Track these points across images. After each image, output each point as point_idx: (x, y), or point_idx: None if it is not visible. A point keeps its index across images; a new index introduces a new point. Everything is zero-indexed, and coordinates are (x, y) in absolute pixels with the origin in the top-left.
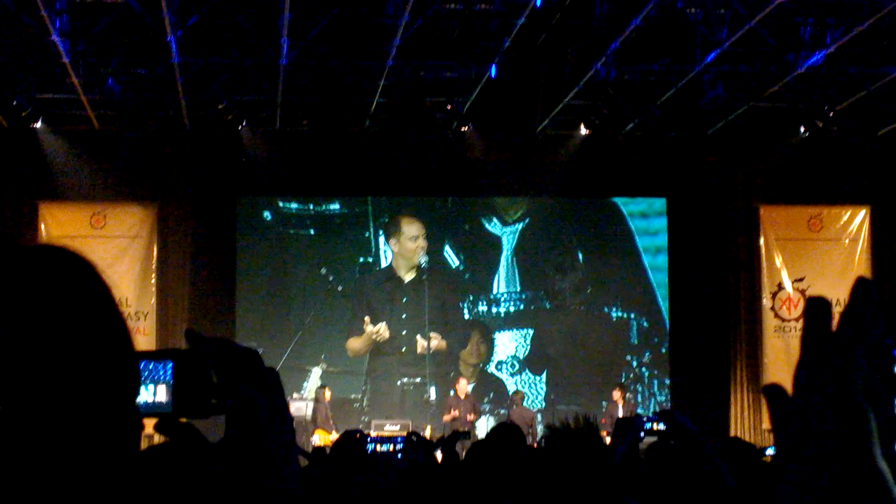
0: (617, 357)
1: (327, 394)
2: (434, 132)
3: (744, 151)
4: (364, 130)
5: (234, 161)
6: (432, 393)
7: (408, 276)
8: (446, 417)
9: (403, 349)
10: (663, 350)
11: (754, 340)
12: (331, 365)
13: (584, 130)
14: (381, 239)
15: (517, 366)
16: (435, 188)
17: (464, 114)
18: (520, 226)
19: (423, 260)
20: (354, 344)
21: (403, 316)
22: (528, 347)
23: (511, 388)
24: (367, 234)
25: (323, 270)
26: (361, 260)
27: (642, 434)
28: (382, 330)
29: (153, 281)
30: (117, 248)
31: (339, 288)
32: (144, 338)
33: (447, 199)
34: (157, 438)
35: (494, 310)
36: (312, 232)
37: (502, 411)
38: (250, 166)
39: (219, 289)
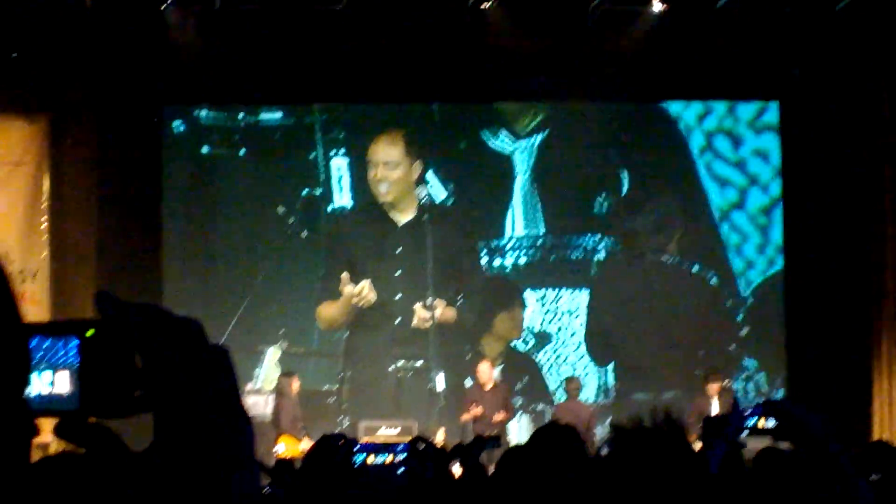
0: (714, 332)
1: (295, 385)
2: (442, 12)
3: (890, 33)
4: (340, 12)
5: (156, 55)
6: (439, 382)
7: (403, 217)
8: (465, 417)
9: (398, 320)
10: (739, 317)
11: None
12: (293, 343)
13: (657, 5)
14: (335, 163)
15: (565, 342)
16: (431, 92)
17: None
18: (538, 138)
19: (423, 194)
20: (328, 311)
21: (397, 273)
22: (584, 316)
23: (551, 372)
24: (313, 156)
25: (280, 209)
26: (306, 192)
27: (745, 434)
28: (366, 290)
29: (44, 226)
30: None
31: (304, 234)
32: (34, 307)
33: (431, 107)
34: (57, 446)
35: (521, 261)
36: (243, 152)
37: (539, 407)
38: (179, 62)
39: (138, 236)
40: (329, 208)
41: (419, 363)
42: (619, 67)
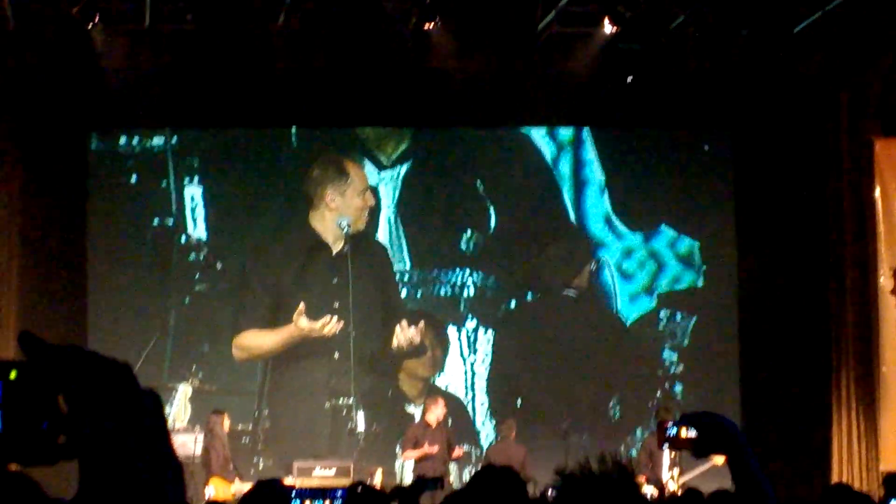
0: (651, 366)
1: (225, 423)
2: (383, 33)
3: (850, 58)
4: (278, 30)
5: (82, 77)
6: (360, 420)
7: (336, 247)
8: (412, 454)
9: (336, 354)
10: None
11: (867, 339)
12: (206, 380)
13: (608, 28)
14: (190, 192)
15: (490, 379)
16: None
17: (428, 4)
18: (403, 168)
19: (345, 223)
20: (259, 341)
21: (336, 304)
22: (487, 356)
23: (481, 414)
24: (164, 184)
25: (183, 238)
26: (157, 222)
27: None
28: (330, 326)
29: None
30: None
31: (219, 265)
32: None
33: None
34: None
35: (442, 293)
36: (134, 179)
37: (466, 447)
38: (106, 85)
39: (62, 268)
40: (182, 239)
41: (351, 400)
42: (568, 92)
